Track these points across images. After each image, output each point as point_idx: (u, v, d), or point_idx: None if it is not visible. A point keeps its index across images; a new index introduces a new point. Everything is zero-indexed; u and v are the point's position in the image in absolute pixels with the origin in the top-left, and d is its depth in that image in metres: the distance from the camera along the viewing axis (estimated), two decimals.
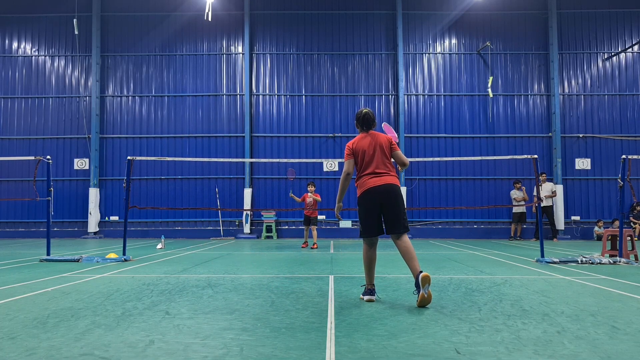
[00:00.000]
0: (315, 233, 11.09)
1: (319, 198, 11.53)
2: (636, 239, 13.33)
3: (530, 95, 16.30)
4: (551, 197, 14.90)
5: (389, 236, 4.17)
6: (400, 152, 4.33)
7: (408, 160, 4.39)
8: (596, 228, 15.07)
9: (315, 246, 10.84)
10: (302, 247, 11.02)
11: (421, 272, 3.83)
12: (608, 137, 15.97)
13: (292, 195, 11.81)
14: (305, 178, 16.01)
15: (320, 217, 16.08)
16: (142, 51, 16.67)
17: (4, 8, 16.81)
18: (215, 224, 16.13)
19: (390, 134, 4.97)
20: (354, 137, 4.45)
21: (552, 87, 16.01)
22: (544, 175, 14.75)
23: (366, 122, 4.35)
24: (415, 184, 15.98)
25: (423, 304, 3.82)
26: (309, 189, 11.48)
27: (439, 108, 16.29)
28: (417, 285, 3.83)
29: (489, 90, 15.89)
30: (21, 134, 16.45)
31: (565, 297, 4.36)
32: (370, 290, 4.21)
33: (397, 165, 4.45)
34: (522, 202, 14.82)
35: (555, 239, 14.62)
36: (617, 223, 12.01)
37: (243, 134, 16.21)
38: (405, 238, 4.10)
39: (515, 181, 15.38)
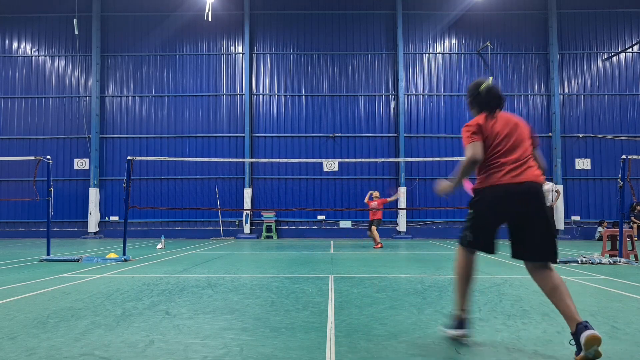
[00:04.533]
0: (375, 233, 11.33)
1: (386, 201, 11.85)
2: (636, 239, 13.33)
3: (530, 95, 16.30)
4: (555, 200, 14.85)
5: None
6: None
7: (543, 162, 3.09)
8: (600, 228, 15.04)
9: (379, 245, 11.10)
10: (378, 247, 11.02)
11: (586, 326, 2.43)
12: (608, 137, 15.96)
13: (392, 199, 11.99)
14: (305, 178, 16.03)
15: (320, 217, 16.10)
16: (142, 51, 16.67)
17: (4, 8, 16.81)
18: (215, 224, 16.13)
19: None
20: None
21: (552, 87, 16.01)
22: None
23: (494, 100, 2.95)
24: (415, 184, 15.98)
25: None
26: (374, 195, 11.73)
27: (439, 108, 16.29)
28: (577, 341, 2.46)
29: None
30: (21, 134, 16.45)
31: None
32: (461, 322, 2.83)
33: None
34: None
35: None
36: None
37: (243, 134, 16.21)
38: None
39: None
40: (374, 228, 11.33)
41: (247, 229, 15.74)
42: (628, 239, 8.12)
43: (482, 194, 2.91)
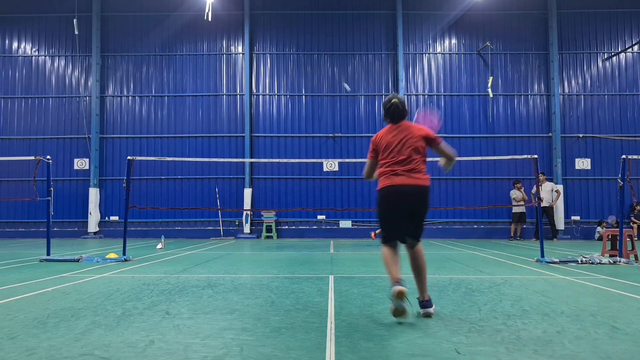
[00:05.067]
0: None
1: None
2: (636, 239, 13.32)
3: (530, 95, 16.30)
4: (555, 200, 14.87)
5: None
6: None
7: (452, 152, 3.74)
8: (599, 228, 15.05)
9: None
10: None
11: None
12: (608, 137, 15.97)
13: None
14: (305, 178, 16.03)
15: (320, 217, 16.10)
16: (142, 51, 16.67)
17: (4, 8, 16.81)
18: (215, 224, 16.13)
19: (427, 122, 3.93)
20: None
21: (552, 87, 16.01)
22: (543, 175, 14.72)
23: (395, 113, 3.63)
24: None
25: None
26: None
27: (439, 108, 16.29)
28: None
29: (489, 90, 15.89)
30: (21, 134, 16.45)
31: (565, 297, 4.36)
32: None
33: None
34: (522, 202, 14.81)
35: (555, 239, 14.62)
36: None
37: (243, 134, 16.21)
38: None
39: (515, 181, 15.37)
40: None
41: (247, 229, 15.75)
42: (628, 239, 8.12)
43: (379, 195, 3.59)
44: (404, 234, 3.60)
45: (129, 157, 8.26)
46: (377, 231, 12.39)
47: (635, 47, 16.31)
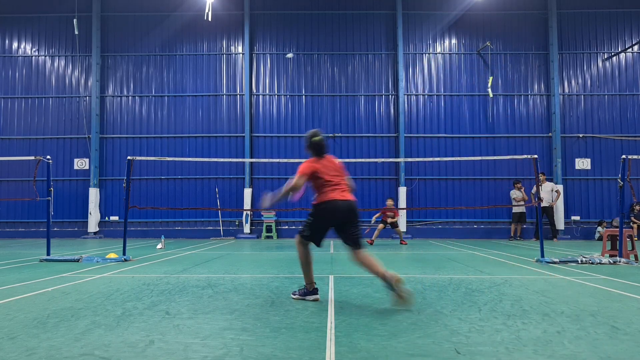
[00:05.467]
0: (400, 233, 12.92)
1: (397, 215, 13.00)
2: (636, 239, 13.33)
3: (530, 95, 16.30)
4: (555, 200, 14.87)
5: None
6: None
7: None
8: (599, 228, 15.04)
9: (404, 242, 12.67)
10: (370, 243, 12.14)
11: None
12: (608, 137, 15.97)
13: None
14: None
15: None
16: (142, 51, 16.67)
17: (4, 8, 16.81)
18: (215, 224, 16.13)
19: None
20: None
21: (552, 87, 16.01)
22: (543, 175, 14.73)
23: (322, 148, 4.42)
24: (415, 184, 15.98)
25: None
26: (388, 203, 13.11)
27: (439, 108, 16.29)
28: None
29: (489, 90, 15.89)
30: (21, 134, 16.45)
31: (565, 297, 4.36)
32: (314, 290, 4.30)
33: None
34: (522, 202, 14.81)
35: (555, 239, 14.62)
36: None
37: (243, 134, 16.21)
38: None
39: (515, 181, 15.37)
40: (381, 226, 12.61)
41: (247, 229, 15.74)
42: (628, 239, 8.12)
43: (321, 206, 4.21)
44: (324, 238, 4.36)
45: (129, 157, 8.26)
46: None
47: (635, 47, 16.31)
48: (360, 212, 4.62)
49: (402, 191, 15.57)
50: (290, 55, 14.59)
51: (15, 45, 16.86)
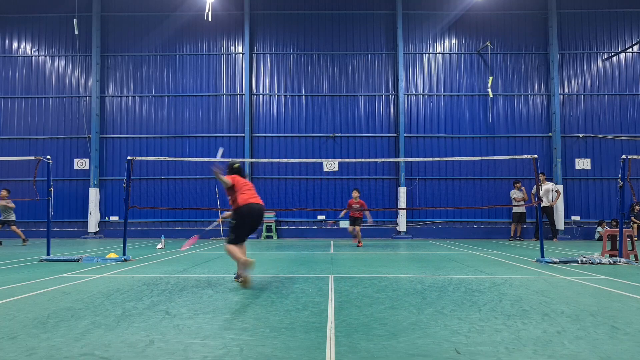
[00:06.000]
0: (359, 233, 12.10)
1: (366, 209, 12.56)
2: (636, 239, 13.33)
3: (530, 95, 16.30)
4: (555, 200, 14.86)
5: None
6: None
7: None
8: (599, 228, 15.04)
9: (360, 244, 11.88)
10: (359, 245, 11.80)
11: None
12: (608, 137, 15.97)
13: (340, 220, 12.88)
14: (305, 178, 16.03)
15: (320, 217, 16.11)
16: (142, 51, 16.67)
17: (4, 8, 16.81)
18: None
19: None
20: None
21: (552, 87, 16.02)
22: (543, 175, 14.73)
23: (242, 172, 5.76)
24: (415, 184, 15.98)
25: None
26: (353, 195, 12.25)
27: (439, 108, 16.29)
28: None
29: (489, 90, 15.89)
30: (21, 134, 16.45)
31: (565, 297, 4.36)
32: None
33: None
34: (522, 202, 14.82)
35: (555, 239, 14.62)
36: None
37: (243, 134, 16.21)
38: None
39: (515, 181, 15.37)
40: (354, 228, 12.24)
41: None
42: (628, 239, 8.12)
43: (240, 210, 5.40)
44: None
45: (129, 157, 8.26)
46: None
47: (635, 47, 16.31)
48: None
49: (402, 191, 15.57)
50: (220, 150, 13.56)
51: (15, 45, 16.86)
